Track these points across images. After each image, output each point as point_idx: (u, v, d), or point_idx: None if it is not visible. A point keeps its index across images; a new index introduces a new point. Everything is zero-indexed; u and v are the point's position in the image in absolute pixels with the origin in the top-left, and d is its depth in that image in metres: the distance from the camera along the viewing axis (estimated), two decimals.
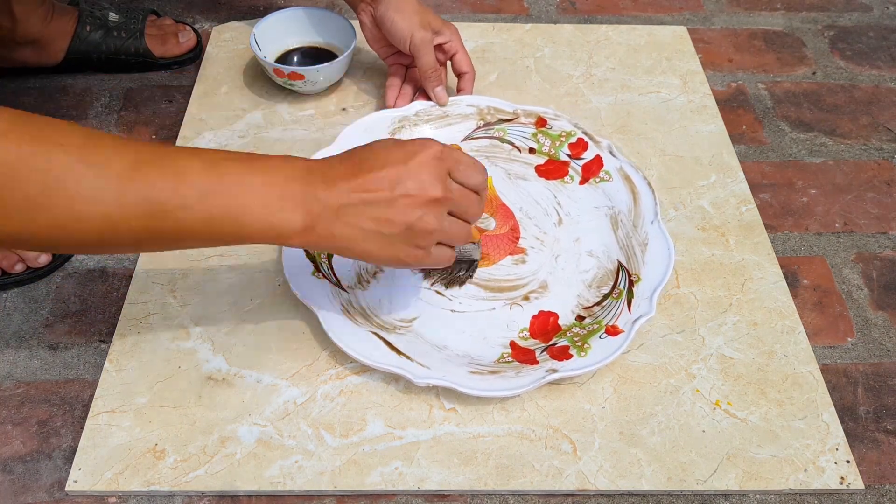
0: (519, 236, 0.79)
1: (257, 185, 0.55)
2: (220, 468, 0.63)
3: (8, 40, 0.89)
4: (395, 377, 0.68)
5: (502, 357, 0.70)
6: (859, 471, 0.65)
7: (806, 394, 0.69)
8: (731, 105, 0.97)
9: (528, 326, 0.72)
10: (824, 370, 0.72)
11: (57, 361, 0.71)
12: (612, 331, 0.69)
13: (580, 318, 0.72)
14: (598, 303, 0.73)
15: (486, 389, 0.65)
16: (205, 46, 0.99)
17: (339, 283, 0.73)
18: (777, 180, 0.88)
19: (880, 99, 0.99)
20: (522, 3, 1.09)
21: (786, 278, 0.78)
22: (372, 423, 0.66)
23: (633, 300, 0.72)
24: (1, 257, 0.74)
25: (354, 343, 0.67)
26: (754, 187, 0.86)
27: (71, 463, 0.63)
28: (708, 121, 0.93)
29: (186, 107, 0.91)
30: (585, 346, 0.69)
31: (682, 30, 1.05)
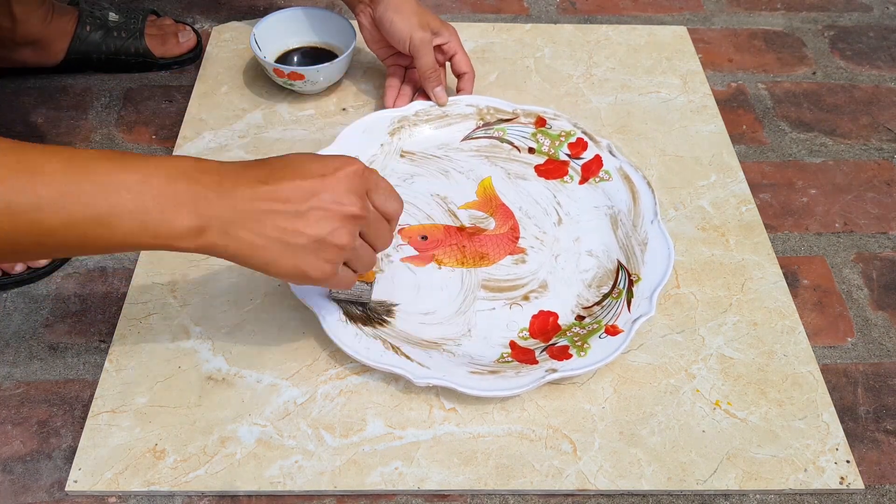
0: (518, 236, 0.79)
1: (131, 183, 0.50)
2: (220, 468, 0.63)
3: (8, 40, 0.89)
4: (395, 377, 0.68)
5: (502, 357, 0.70)
6: (859, 471, 0.65)
7: (806, 394, 0.69)
8: (731, 105, 0.97)
9: (527, 326, 0.72)
10: (824, 370, 0.72)
11: (57, 361, 0.71)
12: (612, 330, 0.69)
13: (580, 317, 0.72)
14: (598, 302, 0.73)
15: (486, 389, 0.65)
16: (205, 46, 0.99)
17: None
18: (777, 180, 0.88)
19: (880, 99, 0.99)
20: (522, 3, 1.09)
21: (786, 278, 0.78)
22: (372, 423, 0.66)
23: (632, 300, 0.72)
24: None
25: (354, 343, 0.67)
26: (754, 187, 0.86)
27: (71, 463, 0.63)
28: (708, 121, 0.93)
29: (186, 107, 0.91)
30: (585, 345, 0.69)
31: (682, 30, 1.05)
